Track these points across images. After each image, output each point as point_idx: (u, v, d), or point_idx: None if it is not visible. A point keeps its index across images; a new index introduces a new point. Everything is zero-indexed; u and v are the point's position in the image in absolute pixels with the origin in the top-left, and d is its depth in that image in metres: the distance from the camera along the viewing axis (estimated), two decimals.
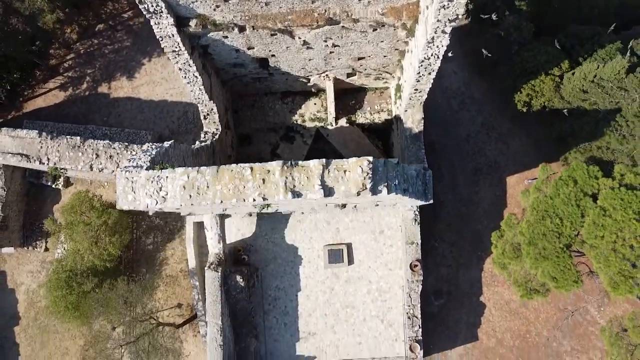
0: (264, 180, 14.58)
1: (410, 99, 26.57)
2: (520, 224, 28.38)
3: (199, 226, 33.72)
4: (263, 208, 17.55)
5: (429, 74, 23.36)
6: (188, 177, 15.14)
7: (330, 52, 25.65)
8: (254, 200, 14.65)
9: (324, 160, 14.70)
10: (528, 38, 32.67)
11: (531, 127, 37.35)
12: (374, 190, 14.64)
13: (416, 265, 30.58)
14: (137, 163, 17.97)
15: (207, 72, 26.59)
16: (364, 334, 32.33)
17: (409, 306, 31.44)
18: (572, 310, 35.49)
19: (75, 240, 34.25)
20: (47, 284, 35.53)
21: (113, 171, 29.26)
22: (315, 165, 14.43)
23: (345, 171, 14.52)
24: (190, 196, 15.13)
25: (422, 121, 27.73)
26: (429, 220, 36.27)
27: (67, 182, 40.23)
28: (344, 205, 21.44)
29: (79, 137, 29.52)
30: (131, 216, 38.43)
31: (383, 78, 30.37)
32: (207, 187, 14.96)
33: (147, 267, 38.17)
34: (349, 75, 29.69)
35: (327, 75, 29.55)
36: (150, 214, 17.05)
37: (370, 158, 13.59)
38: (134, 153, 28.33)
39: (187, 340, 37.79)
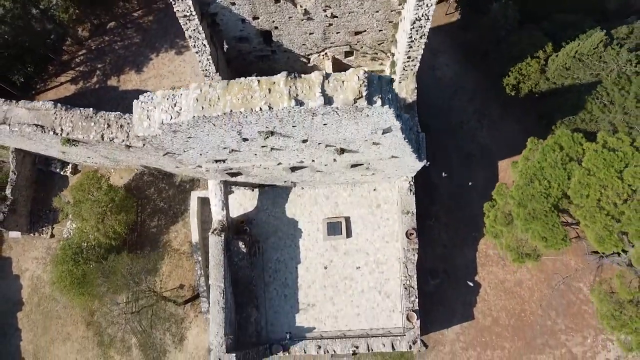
0: (269, 90, 16.13)
1: (404, 69, 28.44)
2: (510, 190, 29.75)
3: (203, 201, 35.06)
4: (267, 137, 18.95)
5: (421, 37, 25.24)
6: (201, 90, 16.68)
7: (329, 25, 27.61)
8: (261, 109, 16.15)
9: (324, 71, 16.34)
10: (514, 25, 34.84)
11: (521, 114, 39.14)
12: (370, 100, 16.15)
13: (412, 234, 31.78)
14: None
15: (214, 44, 28.52)
16: (362, 306, 33.19)
17: (406, 277, 32.42)
18: (563, 277, 36.38)
19: (83, 216, 35.40)
20: (54, 259, 36.48)
21: (123, 140, 30.75)
22: (316, 75, 16.02)
23: (343, 81, 16.11)
24: (202, 108, 16.62)
25: (416, 91, 29.54)
26: (424, 201, 37.53)
27: (75, 170, 41.71)
28: (342, 151, 22.77)
29: (91, 109, 31.25)
30: (136, 200, 39.70)
31: (379, 59, 32.31)
32: (218, 98, 16.48)
33: (151, 248, 39.08)
34: (346, 54, 31.63)
35: (326, 54, 31.48)
36: (161, 135, 17.70)
37: (366, 68, 15.13)
38: None
39: (187, 318, 38.34)
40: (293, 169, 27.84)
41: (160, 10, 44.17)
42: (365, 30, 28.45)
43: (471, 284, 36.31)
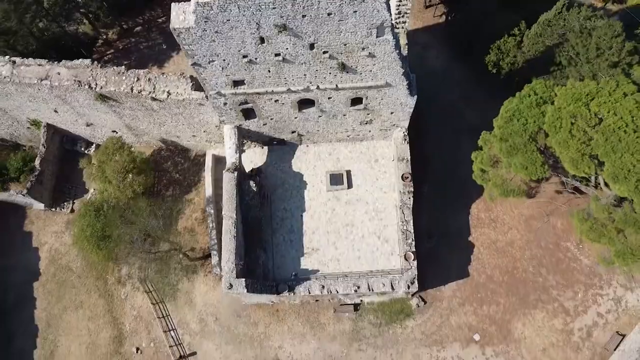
0: None
1: (396, 26, 33.06)
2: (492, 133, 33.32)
3: (216, 159, 38.54)
4: (280, 31, 22.98)
5: None
6: None
7: None
8: None
9: None
10: (492, 10, 39.99)
11: (504, 96, 43.37)
12: None
13: (407, 177, 34.99)
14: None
15: None
16: (363, 249, 35.65)
17: (403, 222, 35.18)
18: (547, 214, 38.91)
19: (106, 176, 38.63)
20: (77, 217, 39.23)
21: (150, 92, 34.70)
22: None
23: None
24: None
25: (407, 46, 33.91)
26: (419, 171, 40.54)
27: (99, 149, 45.36)
28: (343, 67, 26.65)
29: (123, 66, 35.61)
30: (154, 172, 42.95)
31: None
32: None
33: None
34: None
35: None
36: (194, 28, 20.86)
37: None
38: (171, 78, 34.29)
39: (197, 278, 40.32)
40: (300, 104, 31.67)
41: None
42: None
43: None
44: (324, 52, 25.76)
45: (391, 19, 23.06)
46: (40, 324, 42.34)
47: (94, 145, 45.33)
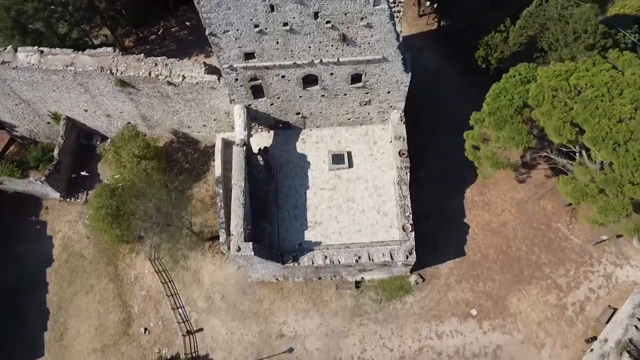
0: None
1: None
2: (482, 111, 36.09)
3: (225, 143, 41.15)
4: None
5: None
6: None
7: None
8: None
9: None
10: (484, 11, 43.51)
11: None
12: None
13: (404, 153, 37.48)
14: None
15: None
16: (363, 223, 37.70)
17: (401, 197, 37.40)
18: (536, 186, 40.99)
19: (121, 161, 41.14)
20: (92, 197, 41.46)
21: (166, 77, 37.61)
22: None
23: None
24: None
25: (402, 33, 37.10)
26: (416, 159, 43.01)
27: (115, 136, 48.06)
28: (344, 38, 29.70)
29: (143, 54, 38.73)
30: (165, 160, 45.43)
31: None
32: None
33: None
34: None
35: None
36: None
37: None
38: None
39: (205, 259, 42.05)
40: (305, 83, 34.60)
41: (193, 26, 53.78)
42: None
43: None
44: (327, 22, 28.85)
45: None
46: (52, 307, 43.77)
47: (109, 139, 48.02)
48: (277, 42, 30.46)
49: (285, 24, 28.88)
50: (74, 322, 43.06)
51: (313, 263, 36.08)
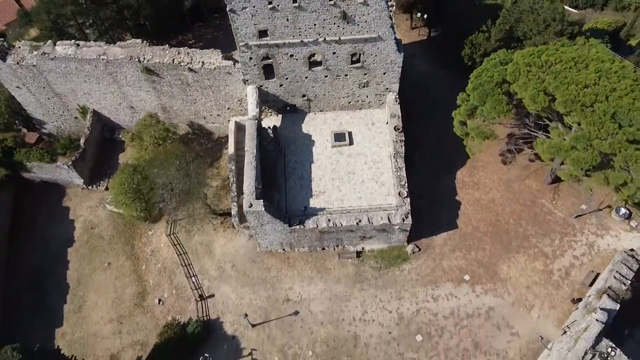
0: None
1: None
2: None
3: (237, 126, 45.53)
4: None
5: None
6: None
7: None
8: None
9: None
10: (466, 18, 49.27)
11: None
12: None
13: (399, 129, 41.77)
14: None
15: None
16: (363, 191, 41.49)
17: (397, 169, 41.39)
18: (524, 177, 44.54)
19: (143, 142, 45.45)
20: (116, 175, 45.41)
21: (188, 63, 42.44)
22: None
23: None
24: None
25: (395, 26, 42.29)
26: (411, 146, 47.15)
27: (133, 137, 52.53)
28: (344, 15, 34.76)
29: (167, 44, 43.76)
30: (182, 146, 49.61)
31: None
32: None
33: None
34: None
35: None
36: None
37: None
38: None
39: (217, 233, 45.34)
40: (310, 64, 39.45)
41: (208, 40, 59.62)
42: None
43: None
44: (330, 0, 34.01)
45: None
46: (72, 283, 46.69)
47: (130, 133, 52.45)
48: (287, 19, 35.53)
49: (294, 1, 34.03)
50: (92, 296, 45.82)
51: (317, 226, 39.50)
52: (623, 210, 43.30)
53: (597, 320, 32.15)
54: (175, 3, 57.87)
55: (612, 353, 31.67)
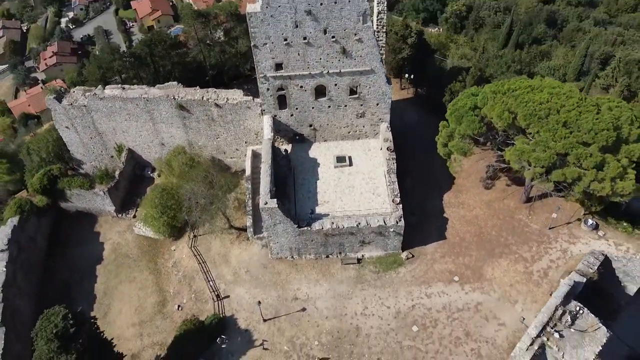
0: None
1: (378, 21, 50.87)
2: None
3: (253, 153, 53.31)
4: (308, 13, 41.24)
5: (382, 27, 49.40)
6: None
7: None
8: None
9: None
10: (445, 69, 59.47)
11: None
12: None
13: (390, 149, 49.51)
14: None
15: None
16: (361, 200, 48.30)
17: (390, 183, 48.51)
18: (503, 198, 50.97)
19: (172, 168, 52.96)
20: (147, 194, 52.19)
21: (215, 100, 51.06)
22: None
23: None
24: None
25: (384, 62, 51.66)
26: (403, 174, 54.47)
27: (160, 174, 60.09)
28: (343, 51, 44.04)
29: (198, 86, 52.71)
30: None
31: None
32: None
33: None
34: None
35: None
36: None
37: None
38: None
39: (233, 246, 50.92)
40: (316, 94, 48.30)
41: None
42: None
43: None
44: (332, 37, 43.61)
45: (370, 11, 41.44)
46: (99, 294, 51.49)
47: (157, 171, 60.06)
48: (299, 54, 44.90)
49: (304, 38, 43.61)
50: (116, 304, 50.34)
51: (322, 228, 45.61)
52: (590, 221, 49.33)
53: (565, 283, 37.22)
54: (200, 70, 68.63)
55: (581, 311, 36.35)
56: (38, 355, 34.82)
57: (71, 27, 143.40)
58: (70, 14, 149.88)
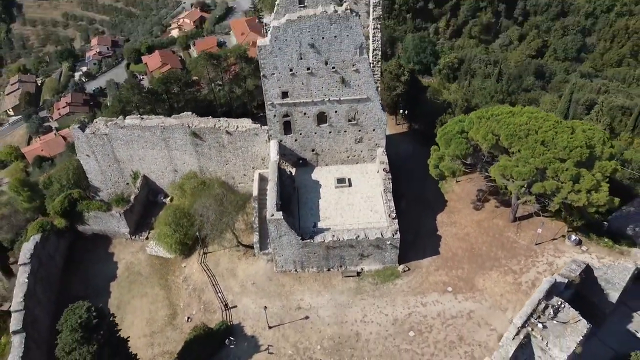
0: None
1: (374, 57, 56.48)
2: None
3: (260, 177, 57.79)
4: (311, 46, 47.08)
5: (378, 62, 55.18)
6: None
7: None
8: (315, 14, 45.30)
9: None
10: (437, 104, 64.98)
11: None
12: (350, 12, 45.34)
13: (386, 170, 53.98)
14: None
15: None
16: (360, 217, 52.15)
17: (386, 202, 52.73)
18: (492, 218, 54.74)
19: (184, 190, 57.23)
20: (161, 213, 56.07)
21: (226, 127, 56.01)
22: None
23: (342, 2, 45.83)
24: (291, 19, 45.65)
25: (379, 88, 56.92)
26: (399, 197, 58.76)
27: (172, 199, 64.25)
28: (343, 81, 49.45)
29: (210, 116, 57.74)
30: None
31: None
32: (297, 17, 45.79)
33: None
34: None
35: None
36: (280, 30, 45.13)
37: None
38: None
39: (240, 262, 54.23)
40: (318, 120, 53.39)
41: None
42: None
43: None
44: (332, 68, 49.20)
45: (366, 45, 47.26)
46: (112, 308, 54.19)
47: (169, 197, 64.24)
48: (303, 83, 50.32)
49: (308, 68, 49.17)
50: (129, 317, 53.10)
51: (324, 240, 49.31)
52: (574, 237, 52.98)
53: (547, 280, 40.56)
54: (211, 107, 74.25)
55: (562, 305, 39.49)
56: (62, 346, 37.66)
57: (84, 80, 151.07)
58: (84, 68, 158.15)
